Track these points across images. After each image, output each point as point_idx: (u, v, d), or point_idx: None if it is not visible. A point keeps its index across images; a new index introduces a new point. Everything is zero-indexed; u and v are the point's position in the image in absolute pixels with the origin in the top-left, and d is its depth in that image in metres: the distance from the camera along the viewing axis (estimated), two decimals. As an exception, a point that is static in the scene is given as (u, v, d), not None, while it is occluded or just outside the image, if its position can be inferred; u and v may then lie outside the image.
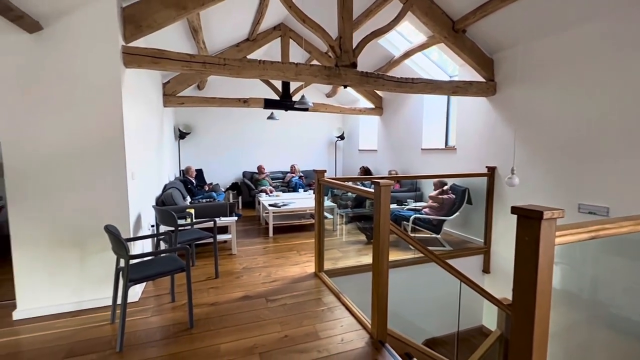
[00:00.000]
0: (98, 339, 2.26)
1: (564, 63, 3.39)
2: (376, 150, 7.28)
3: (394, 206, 5.07)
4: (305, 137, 8.53)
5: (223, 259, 3.90)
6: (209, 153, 7.61)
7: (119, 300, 2.28)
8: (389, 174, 6.00)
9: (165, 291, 2.99)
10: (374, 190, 2.23)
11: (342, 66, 3.39)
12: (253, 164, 7.84)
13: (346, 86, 3.63)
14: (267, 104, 5.73)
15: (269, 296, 2.93)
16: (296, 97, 5.63)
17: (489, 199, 4.32)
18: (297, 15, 3.21)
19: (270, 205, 5.20)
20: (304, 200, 5.72)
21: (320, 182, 3.29)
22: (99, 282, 2.70)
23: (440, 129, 5.67)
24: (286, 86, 5.71)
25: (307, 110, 5.30)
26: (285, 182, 7.67)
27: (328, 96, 8.13)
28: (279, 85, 5.77)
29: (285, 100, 5.70)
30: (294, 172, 7.71)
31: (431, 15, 3.83)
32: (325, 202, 3.52)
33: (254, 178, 7.39)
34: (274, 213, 5.01)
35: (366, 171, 6.83)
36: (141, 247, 3.19)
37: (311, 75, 3.30)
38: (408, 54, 5.11)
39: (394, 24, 3.59)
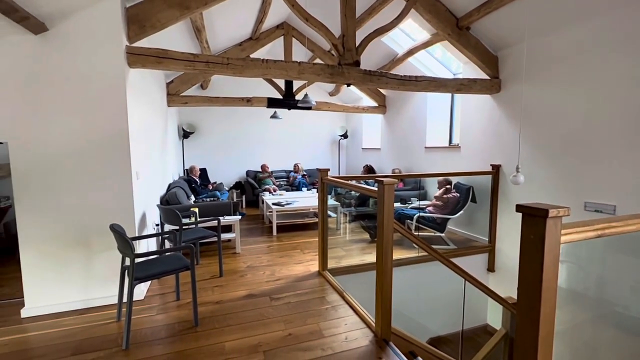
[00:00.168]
0: (104, 337, 2.29)
1: (569, 60, 3.34)
2: (380, 149, 7.26)
3: (397, 205, 5.05)
4: (309, 136, 8.53)
5: (227, 257, 3.92)
6: (213, 152, 7.65)
7: (124, 299, 2.31)
8: (393, 173, 5.98)
9: (170, 289, 3.01)
10: (377, 189, 2.23)
11: (345, 64, 3.38)
12: (257, 163, 7.86)
13: (349, 84, 3.63)
14: (270, 103, 5.74)
15: (273, 294, 2.94)
16: (299, 96, 5.63)
17: (494, 197, 4.29)
18: (300, 14, 3.20)
19: (273, 204, 5.22)
20: (307, 199, 5.73)
21: (324, 180, 3.28)
22: (104, 280, 2.74)
23: (444, 127, 5.62)
24: (289, 85, 5.71)
25: (310, 109, 5.30)
26: (288, 181, 7.68)
27: (331, 95, 8.12)
28: (282, 84, 5.79)
29: (289, 99, 5.70)
30: (298, 171, 7.71)
31: (435, 12, 3.80)
32: (328, 201, 3.52)
33: (257, 177, 7.41)
34: (277, 212, 5.02)
35: (370, 170, 6.81)
36: (146, 245, 3.22)
37: (314, 73, 3.30)
38: (411, 52, 5.08)
39: (397, 21, 3.57)
